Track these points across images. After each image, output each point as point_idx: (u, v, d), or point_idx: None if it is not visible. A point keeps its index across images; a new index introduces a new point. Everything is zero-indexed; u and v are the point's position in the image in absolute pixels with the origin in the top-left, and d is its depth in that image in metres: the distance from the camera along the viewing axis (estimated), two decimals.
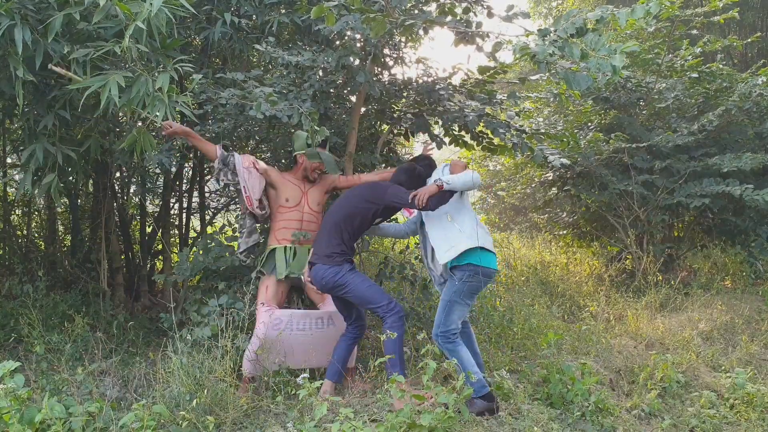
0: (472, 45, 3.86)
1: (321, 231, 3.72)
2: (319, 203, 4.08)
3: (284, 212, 3.99)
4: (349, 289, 3.54)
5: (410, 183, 3.67)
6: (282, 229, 3.98)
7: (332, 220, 3.66)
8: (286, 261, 3.90)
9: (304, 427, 2.99)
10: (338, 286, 3.55)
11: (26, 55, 3.36)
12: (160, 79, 3.29)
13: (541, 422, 3.25)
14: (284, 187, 4.02)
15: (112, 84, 3.23)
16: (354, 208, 3.65)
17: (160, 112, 3.29)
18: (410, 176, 3.75)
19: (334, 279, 3.53)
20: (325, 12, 3.53)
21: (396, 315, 3.48)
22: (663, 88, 6.85)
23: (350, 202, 3.69)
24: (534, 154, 4.87)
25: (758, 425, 3.40)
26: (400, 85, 4.94)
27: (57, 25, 3.22)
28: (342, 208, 3.68)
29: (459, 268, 3.49)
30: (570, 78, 3.23)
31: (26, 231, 6.35)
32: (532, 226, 9.93)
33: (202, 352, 3.46)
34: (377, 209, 3.65)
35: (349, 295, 3.58)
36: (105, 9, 3.17)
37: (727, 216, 6.79)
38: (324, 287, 3.61)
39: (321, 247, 3.63)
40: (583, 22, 3.04)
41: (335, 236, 3.61)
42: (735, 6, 6.49)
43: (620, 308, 5.65)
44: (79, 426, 2.87)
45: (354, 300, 3.60)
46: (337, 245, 3.59)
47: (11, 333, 4.49)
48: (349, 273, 3.56)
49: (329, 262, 3.56)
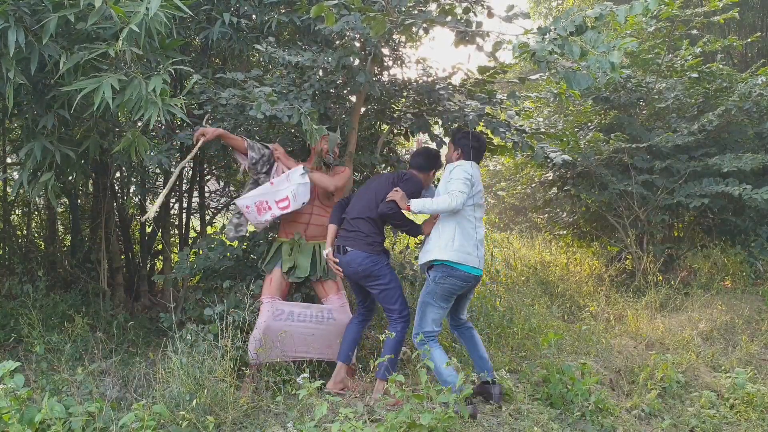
0: (472, 45, 3.85)
1: (356, 216, 3.65)
2: (328, 197, 4.06)
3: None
4: (381, 282, 3.54)
5: (428, 164, 3.76)
6: (292, 222, 4.01)
7: (373, 202, 3.62)
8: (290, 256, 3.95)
9: (304, 427, 2.99)
10: (371, 276, 3.54)
11: (19, 58, 3.35)
12: (153, 82, 3.28)
13: (541, 422, 3.25)
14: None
15: (105, 86, 3.23)
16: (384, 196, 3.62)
17: (153, 115, 3.28)
18: (427, 158, 3.79)
19: (372, 268, 3.52)
20: (325, 11, 3.52)
21: (405, 325, 3.55)
22: (663, 88, 6.85)
23: (384, 187, 3.65)
24: (534, 152, 4.87)
25: (758, 425, 3.40)
26: (400, 85, 4.94)
27: (51, 27, 3.21)
28: (382, 193, 3.63)
29: (434, 268, 3.50)
30: (570, 77, 3.23)
31: (26, 231, 6.35)
32: (532, 226, 9.93)
33: (202, 352, 3.46)
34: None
35: (375, 289, 3.58)
36: (100, 11, 3.16)
37: (727, 216, 6.79)
38: (356, 273, 3.58)
39: (357, 233, 3.58)
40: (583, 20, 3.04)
41: (374, 224, 3.59)
42: (735, 6, 6.49)
43: (620, 308, 5.65)
44: (79, 426, 2.87)
45: (377, 294, 3.61)
46: (378, 234, 3.60)
47: (11, 333, 4.49)
48: (386, 266, 3.58)
49: (370, 250, 3.54)
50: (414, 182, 3.67)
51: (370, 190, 3.74)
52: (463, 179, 3.46)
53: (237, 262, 4.40)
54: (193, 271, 4.39)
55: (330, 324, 3.81)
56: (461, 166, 3.52)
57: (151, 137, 4.80)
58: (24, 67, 3.42)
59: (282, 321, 3.72)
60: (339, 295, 3.99)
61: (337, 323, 3.82)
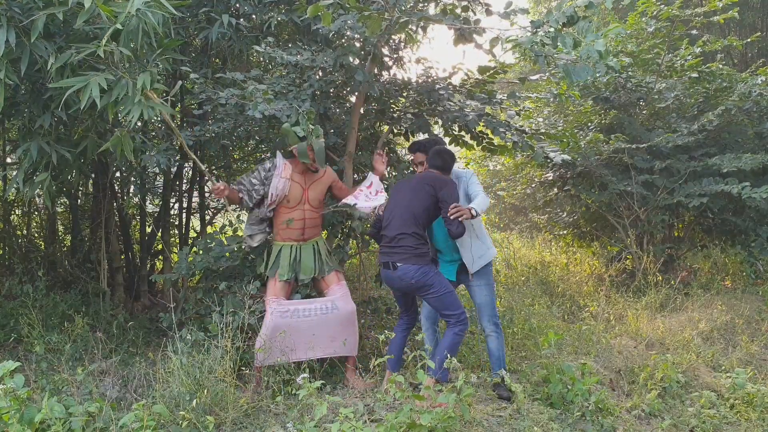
0: (470, 43, 3.85)
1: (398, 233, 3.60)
2: (319, 200, 4.06)
3: (286, 212, 4.00)
4: (435, 290, 3.54)
5: (447, 165, 3.78)
6: (284, 230, 4.02)
7: (406, 216, 3.59)
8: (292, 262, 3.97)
9: (304, 427, 2.99)
10: (426, 287, 3.54)
11: (11, 58, 3.35)
12: (141, 79, 3.27)
13: (541, 422, 3.25)
14: (290, 189, 4.00)
15: (93, 85, 3.22)
16: (426, 203, 3.61)
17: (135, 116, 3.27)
18: (444, 159, 3.79)
19: (424, 279, 3.51)
20: (321, 11, 3.52)
21: (465, 326, 3.56)
22: (663, 88, 6.84)
23: (420, 198, 3.63)
24: (534, 152, 4.86)
25: (758, 425, 3.40)
26: (400, 85, 4.94)
27: (39, 25, 3.20)
28: (414, 205, 3.61)
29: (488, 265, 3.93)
30: (570, 70, 3.24)
31: (26, 231, 6.35)
32: (532, 226, 9.93)
33: (202, 352, 3.46)
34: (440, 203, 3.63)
35: (430, 297, 3.57)
36: (89, 11, 3.15)
37: (727, 216, 6.79)
38: (410, 287, 3.57)
39: (404, 246, 3.55)
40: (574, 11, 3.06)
41: (418, 233, 3.58)
42: (735, 6, 6.49)
43: (620, 308, 5.64)
44: (79, 426, 2.87)
45: (433, 302, 3.61)
46: (424, 244, 3.59)
47: (11, 333, 4.49)
48: (436, 275, 3.57)
49: (419, 262, 3.53)
50: (452, 186, 3.65)
51: (404, 203, 3.68)
52: (479, 182, 3.85)
53: (236, 262, 4.39)
54: (191, 271, 4.39)
55: (334, 314, 3.84)
56: (474, 174, 3.91)
57: (150, 137, 4.81)
58: (17, 67, 3.41)
59: (288, 318, 3.76)
60: (340, 284, 4.01)
61: (340, 312, 3.85)
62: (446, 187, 3.61)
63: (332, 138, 4.57)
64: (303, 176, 4.02)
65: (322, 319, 3.81)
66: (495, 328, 3.82)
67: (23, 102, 4.00)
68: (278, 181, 3.94)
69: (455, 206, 3.45)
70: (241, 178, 4.12)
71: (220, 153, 5.59)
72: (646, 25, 6.86)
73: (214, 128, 4.47)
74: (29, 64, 3.41)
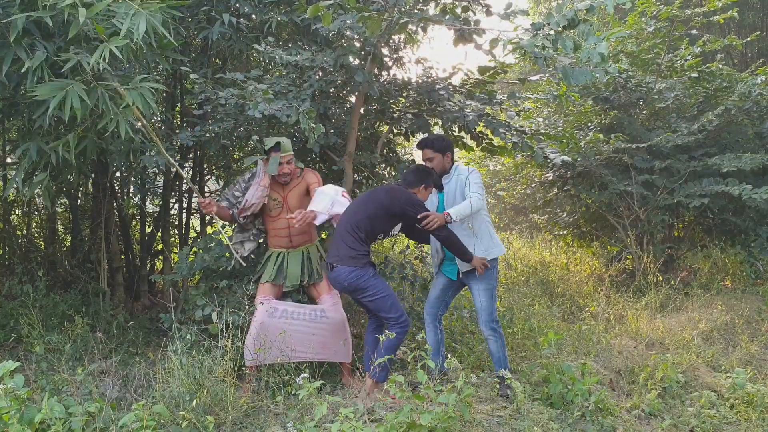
0: (470, 43, 3.86)
1: (339, 232, 3.69)
2: (299, 205, 4.03)
3: (271, 222, 4.07)
4: (369, 294, 3.56)
5: (418, 180, 3.77)
6: (274, 237, 4.09)
7: (352, 221, 3.64)
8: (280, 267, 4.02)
9: (304, 427, 2.99)
10: (359, 290, 3.57)
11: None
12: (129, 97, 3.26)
13: (541, 422, 3.24)
14: (270, 200, 4.03)
15: (72, 94, 3.19)
16: (372, 212, 3.64)
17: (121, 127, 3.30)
18: (416, 174, 3.80)
19: (356, 282, 3.54)
20: (321, 11, 3.53)
21: (403, 330, 3.57)
22: (663, 88, 6.84)
23: (368, 206, 3.67)
24: (534, 153, 4.87)
25: (758, 425, 3.40)
26: (400, 85, 4.94)
27: (19, 24, 3.19)
28: (360, 211, 3.66)
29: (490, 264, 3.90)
30: (568, 73, 3.24)
31: (26, 231, 6.35)
32: (532, 226, 9.92)
33: (202, 352, 3.46)
34: (393, 215, 3.66)
35: (366, 300, 3.61)
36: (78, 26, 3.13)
37: (727, 216, 6.79)
38: (345, 289, 3.63)
39: (342, 248, 3.60)
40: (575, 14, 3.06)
41: (355, 237, 3.60)
42: (734, 6, 6.49)
43: (620, 308, 5.64)
44: (79, 426, 2.87)
45: (369, 305, 3.64)
46: (360, 246, 3.60)
47: (11, 333, 4.49)
48: (372, 278, 3.59)
49: (354, 264, 3.55)
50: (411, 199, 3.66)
51: (353, 208, 3.73)
52: (480, 183, 3.77)
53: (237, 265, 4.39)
54: (191, 271, 4.39)
55: (323, 322, 3.84)
56: (475, 172, 3.83)
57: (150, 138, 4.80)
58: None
59: (277, 318, 3.76)
60: (331, 294, 4.01)
61: (330, 321, 3.85)
62: (403, 197, 3.64)
63: (332, 138, 4.57)
64: (280, 186, 4.04)
65: (311, 325, 3.81)
66: (492, 333, 3.82)
67: (23, 102, 4.00)
68: (255, 189, 3.96)
69: (424, 215, 3.54)
70: (225, 192, 4.16)
71: (220, 153, 5.59)
72: (646, 25, 6.86)
73: (214, 128, 4.47)
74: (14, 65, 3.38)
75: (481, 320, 3.84)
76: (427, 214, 3.56)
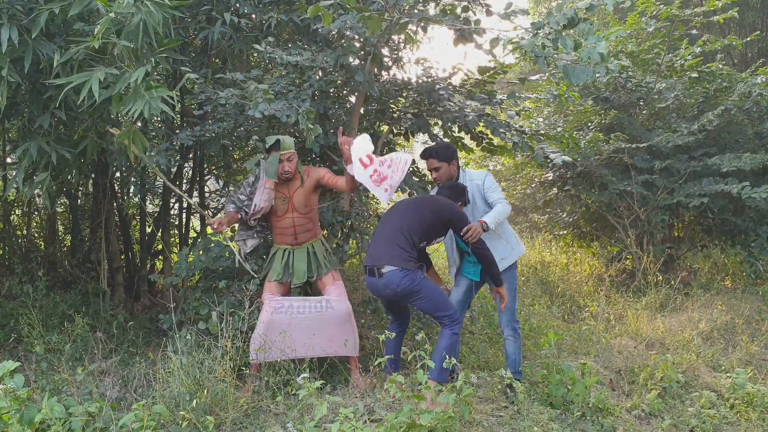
0: (470, 43, 3.86)
1: (385, 235, 3.60)
2: (306, 205, 4.05)
3: (277, 220, 4.08)
4: (422, 295, 3.50)
5: (455, 197, 3.76)
6: (279, 235, 4.10)
7: (401, 225, 3.58)
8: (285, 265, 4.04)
9: (304, 427, 2.99)
10: (413, 293, 3.49)
11: (13, 56, 3.34)
12: (136, 73, 3.25)
13: (541, 422, 3.24)
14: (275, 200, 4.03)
15: (93, 80, 3.21)
16: (424, 218, 3.61)
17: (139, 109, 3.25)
18: (453, 191, 3.79)
19: (411, 286, 3.46)
20: (321, 11, 3.53)
21: (458, 326, 3.54)
22: (663, 88, 6.84)
23: (419, 212, 3.64)
24: (534, 153, 4.87)
25: (758, 425, 3.40)
26: (400, 85, 4.94)
27: (42, 21, 3.19)
28: (410, 217, 3.62)
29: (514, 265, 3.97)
30: (569, 71, 3.24)
31: (26, 231, 6.35)
32: (532, 226, 9.92)
33: (202, 352, 3.46)
34: (443, 222, 3.63)
35: (421, 302, 3.54)
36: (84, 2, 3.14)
37: (727, 216, 6.79)
38: (396, 295, 3.53)
39: (394, 248, 3.51)
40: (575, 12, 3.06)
41: (408, 240, 3.54)
42: (734, 6, 6.49)
43: (620, 308, 5.64)
44: (79, 426, 2.87)
45: (423, 306, 3.57)
46: (412, 250, 3.55)
47: (11, 333, 4.49)
48: (423, 280, 3.54)
49: (406, 266, 3.47)
50: (462, 211, 3.68)
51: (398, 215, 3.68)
52: (497, 186, 3.84)
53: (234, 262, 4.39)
54: (191, 271, 4.39)
55: (329, 313, 3.84)
56: (489, 175, 3.89)
57: (150, 137, 4.80)
58: (20, 66, 3.41)
59: (283, 314, 3.76)
60: (336, 285, 4.02)
61: (335, 311, 3.85)
62: (454, 210, 3.63)
63: (332, 138, 4.57)
64: (285, 185, 4.03)
65: (318, 317, 3.81)
66: (513, 333, 3.84)
67: (23, 102, 4.00)
68: (262, 191, 3.97)
69: (467, 229, 3.52)
70: (231, 195, 4.18)
71: (220, 153, 5.59)
72: (646, 25, 6.85)
73: (214, 128, 4.47)
74: (34, 62, 3.40)
75: (503, 320, 3.85)
76: (470, 226, 3.54)
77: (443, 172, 3.86)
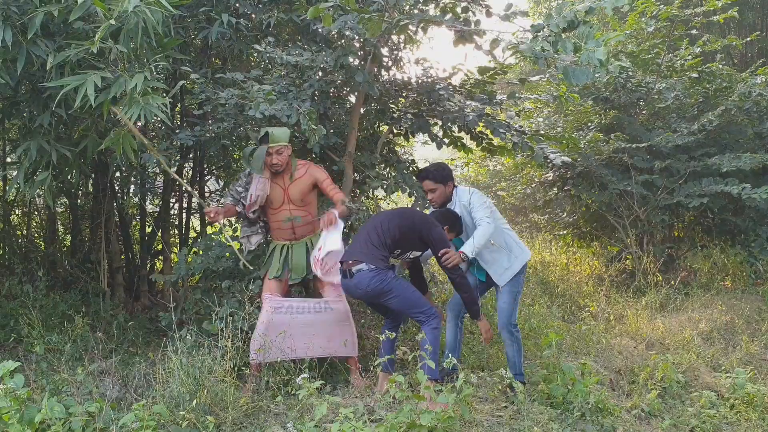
0: (470, 43, 3.86)
1: (363, 234, 3.63)
2: (302, 199, 4.01)
3: (273, 213, 4.06)
4: (394, 294, 3.51)
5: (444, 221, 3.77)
6: (277, 230, 4.09)
7: (381, 226, 3.61)
8: (284, 261, 4.02)
9: (304, 427, 2.99)
10: (384, 293, 3.50)
11: (6, 57, 3.34)
12: (135, 79, 3.26)
13: (541, 422, 3.25)
14: (271, 191, 4.01)
15: (89, 83, 3.21)
16: (404, 226, 3.62)
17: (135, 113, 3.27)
18: (444, 216, 3.81)
19: (380, 286, 3.47)
20: (322, 12, 3.53)
21: (437, 320, 3.53)
22: (663, 88, 6.84)
23: (401, 219, 3.65)
24: (534, 153, 4.87)
25: (758, 425, 3.40)
26: (400, 85, 4.94)
27: (37, 22, 3.19)
28: (392, 220, 3.64)
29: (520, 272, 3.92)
30: (569, 73, 3.24)
31: (26, 231, 6.35)
32: (532, 226, 9.92)
33: (202, 352, 3.46)
34: (419, 238, 3.64)
35: (392, 301, 3.54)
36: (83, 7, 3.14)
37: (727, 216, 6.79)
38: (367, 295, 3.55)
39: (367, 246, 3.54)
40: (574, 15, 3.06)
41: (381, 240, 3.56)
42: (734, 5, 6.49)
43: (620, 308, 5.64)
44: (79, 426, 2.87)
45: (396, 305, 3.58)
46: (385, 249, 3.56)
47: (11, 333, 4.49)
48: (394, 280, 3.54)
49: (377, 264, 3.48)
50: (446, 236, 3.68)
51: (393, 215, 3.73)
52: (483, 203, 3.75)
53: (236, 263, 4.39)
54: (191, 272, 4.39)
55: (328, 313, 3.84)
56: (476, 193, 3.82)
57: (150, 138, 4.80)
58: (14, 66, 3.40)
59: (282, 314, 3.76)
60: (334, 285, 4.00)
61: (334, 312, 3.85)
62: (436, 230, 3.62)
63: (332, 138, 4.57)
64: (280, 177, 4.01)
65: (316, 317, 3.81)
66: (509, 336, 3.82)
67: (23, 102, 4.00)
68: (258, 181, 3.95)
69: (444, 252, 3.53)
70: (229, 189, 4.19)
71: (220, 153, 5.59)
72: (646, 25, 6.86)
73: (214, 128, 4.47)
74: (29, 63, 3.40)
75: (500, 322, 3.85)
76: (447, 250, 3.55)
77: (439, 194, 3.85)
